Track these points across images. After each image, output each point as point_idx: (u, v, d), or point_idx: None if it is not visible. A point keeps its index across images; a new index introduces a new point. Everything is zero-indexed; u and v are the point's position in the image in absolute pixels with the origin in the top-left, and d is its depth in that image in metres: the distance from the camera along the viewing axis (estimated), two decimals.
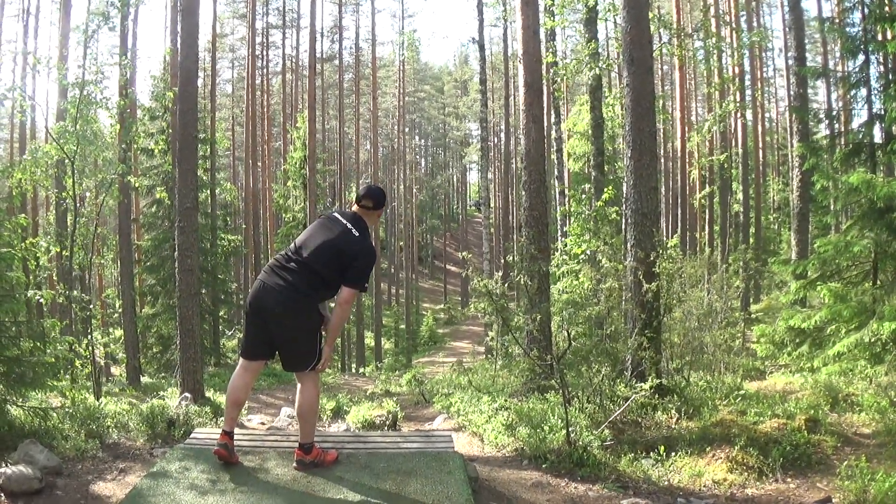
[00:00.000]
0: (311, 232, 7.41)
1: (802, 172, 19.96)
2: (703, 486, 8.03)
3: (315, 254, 7.12)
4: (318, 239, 7.20)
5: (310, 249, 7.15)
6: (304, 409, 7.30)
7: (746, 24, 42.16)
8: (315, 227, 7.46)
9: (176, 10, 27.66)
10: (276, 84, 66.80)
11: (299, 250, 7.20)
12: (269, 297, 7.09)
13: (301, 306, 7.05)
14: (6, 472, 7.13)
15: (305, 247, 7.19)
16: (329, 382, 24.79)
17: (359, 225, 7.26)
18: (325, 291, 7.24)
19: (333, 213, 7.57)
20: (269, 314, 7.09)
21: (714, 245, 39.05)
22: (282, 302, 7.03)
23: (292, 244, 7.42)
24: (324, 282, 7.12)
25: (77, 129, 15.94)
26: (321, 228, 7.35)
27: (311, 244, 7.19)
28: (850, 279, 13.73)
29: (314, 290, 7.09)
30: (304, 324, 7.09)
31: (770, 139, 54.85)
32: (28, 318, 14.79)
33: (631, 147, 11.81)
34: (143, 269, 36.88)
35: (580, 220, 23.66)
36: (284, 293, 7.03)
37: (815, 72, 20.38)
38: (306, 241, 7.27)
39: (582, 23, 24.72)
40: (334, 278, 7.13)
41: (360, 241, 7.16)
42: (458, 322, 77.24)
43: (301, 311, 7.06)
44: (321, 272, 7.06)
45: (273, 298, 7.06)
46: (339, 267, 7.08)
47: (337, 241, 7.12)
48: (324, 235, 7.22)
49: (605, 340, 11.28)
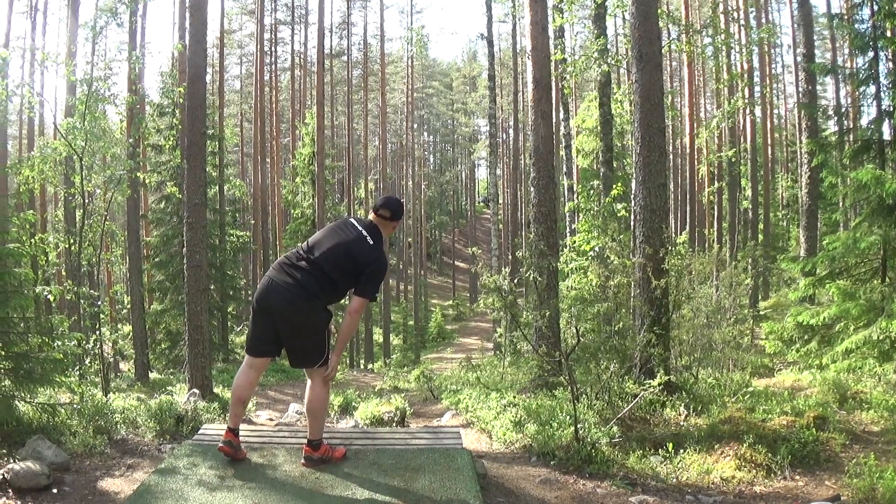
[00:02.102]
0: (325, 233, 7.35)
1: (811, 169, 19.93)
2: (712, 484, 8.01)
3: (326, 255, 7.07)
4: (332, 241, 7.16)
5: (322, 250, 7.10)
6: (313, 405, 7.31)
7: (755, 21, 42.09)
8: (329, 229, 7.42)
9: (184, 6, 27.67)
10: (284, 80, 66.81)
11: (311, 250, 7.16)
12: (276, 294, 7.02)
13: (308, 305, 6.96)
14: (14, 468, 7.14)
15: (318, 247, 7.15)
16: (338, 379, 24.76)
17: (374, 233, 7.21)
18: (332, 294, 7.17)
19: (350, 218, 7.54)
20: (276, 311, 7.04)
21: (723, 242, 39.05)
22: (289, 300, 6.96)
23: (304, 243, 7.37)
24: (332, 284, 7.06)
25: (85, 125, 15.94)
26: (336, 231, 7.31)
27: (323, 245, 7.14)
28: (859, 276, 13.73)
29: (322, 291, 7.00)
30: (311, 322, 7.03)
31: (779, 136, 54.73)
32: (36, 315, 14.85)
33: (640, 143, 11.79)
34: (152, 266, 36.96)
35: (589, 217, 23.65)
36: (292, 291, 6.96)
37: (823, 68, 20.26)
38: (319, 241, 7.22)
39: (591, 19, 24.68)
40: (343, 282, 7.10)
41: (375, 249, 7.11)
42: (467, 318, 77.33)
43: (308, 309, 6.98)
44: (331, 274, 7.00)
45: (280, 296, 7.00)
46: (349, 272, 7.05)
47: (351, 246, 7.08)
48: (338, 238, 7.18)
49: (613, 337, 11.25)
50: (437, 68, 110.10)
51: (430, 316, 72.79)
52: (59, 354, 10.19)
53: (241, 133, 66.57)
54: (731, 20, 35.93)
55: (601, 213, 22.45)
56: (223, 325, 38.25)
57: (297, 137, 49.67)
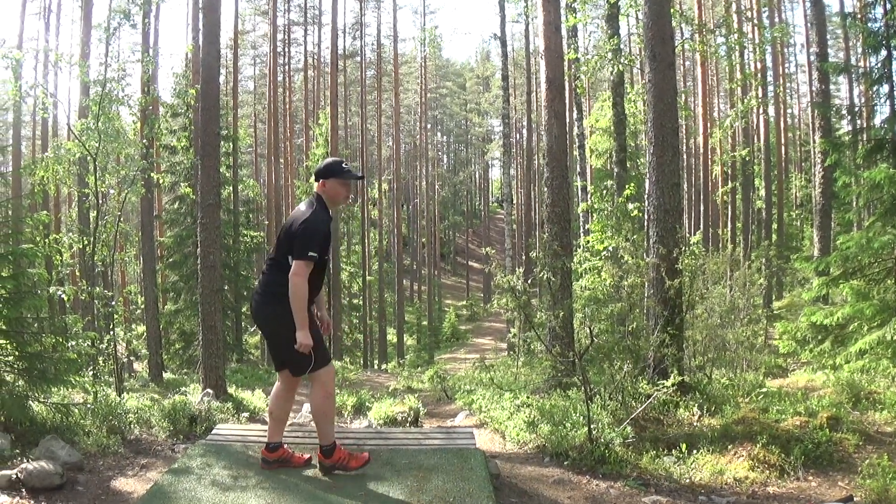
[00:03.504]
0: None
1: (825, 168, 19.88)
2: (725, 484, 8.00)
3: (276, 245, 7.22)
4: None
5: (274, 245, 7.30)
6: (314, 411, 7.35)
7: (768, 20, 42.00)
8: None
9: (198, 6, 27.81)
10: (298, 81, 66.81)
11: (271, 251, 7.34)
12: (252, 307, 7.38)
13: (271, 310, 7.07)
14: (27, 467, 7.16)
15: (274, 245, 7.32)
16: (351, 378, 24.88)
17: (310, 202, 7.19)
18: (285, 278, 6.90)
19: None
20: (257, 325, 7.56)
21: (736, 241, 39.06)
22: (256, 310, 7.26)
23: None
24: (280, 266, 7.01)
25: (99, 125, 15.98)
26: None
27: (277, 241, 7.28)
28: (873, 276, 13.69)
29: (279, 285, 6.87)
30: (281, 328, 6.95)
31: (792, 135, 54.67)
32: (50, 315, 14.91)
33: (653, 143, 11.77)
34: (166, 266, 37.13)
35: (602, 217, 23.61)
36: (257, 299, 7.21)
37: (837, 67, 20.25)
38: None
39: (604, 19, 24.63)
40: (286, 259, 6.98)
41: (303, 213, 7.04)
42: (481, 318, 77.35)
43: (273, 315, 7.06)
44: (280, 260, 7.00)
45: (254, 309, 7.33)
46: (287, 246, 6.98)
47: (286, 224, 7.14)
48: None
49: (627, 337, 11.23)
50: (451, 68, 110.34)
51: (443, 316, 72.88)
52: (73, 354, 10.26)
53: (255, 133, 66.61)
54: (744, 19, 35.89)
55: (615, 213, 22.41)
56: (237, 326, 38.39)
57: (311, 138, 49.73)
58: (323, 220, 7.05)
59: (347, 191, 7.43)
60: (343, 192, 7.37)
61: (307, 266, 6.82)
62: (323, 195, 7.19)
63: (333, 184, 7.22)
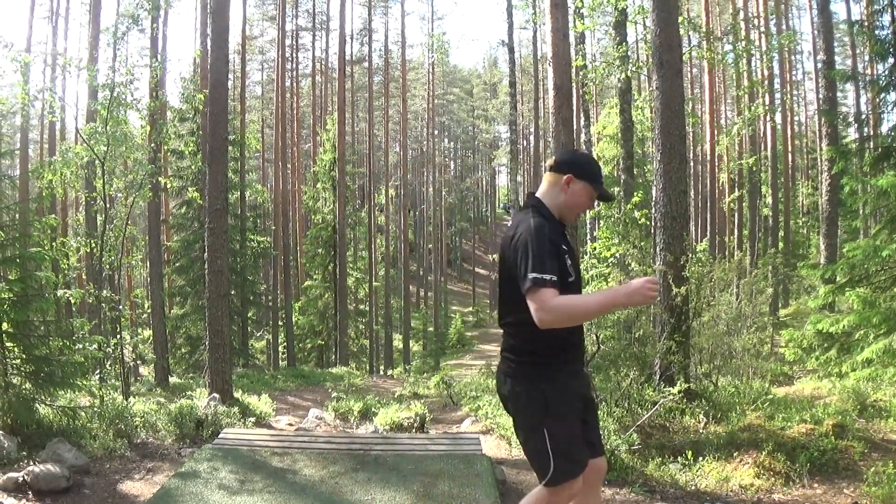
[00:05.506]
0: None
1: (831, 176, 19.88)
2: (730, 491, 8.00)
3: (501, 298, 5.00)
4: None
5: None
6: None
7: (775, 27, 42.02)
8: None
9: (206, 11, 27.85)
10: (305, 86, 66.96)
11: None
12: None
13: (514, 389, 4.75)
14: (34, 470, 7.19)
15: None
16: (357, 384, 24.79)
17: (526, 208, 4.83)
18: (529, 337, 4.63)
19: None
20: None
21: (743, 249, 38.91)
22: (500, 388, 5.08)
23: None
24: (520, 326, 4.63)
25: (107, 129, 16.00)
26: None
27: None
28: (879, 284, 13.65)
29: (525, 354, 4.76)
30: (518, 412, 4.82)
31: (799, 143, 54.68)
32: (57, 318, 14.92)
33: (660, 150, 11.76)
34: (173, 270, 37.18)
35: (609, 224, 23.61)
36: (499, 379, 5.03)
37: (843, 75, 20.24)
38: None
39: (611, 26, 24.63)
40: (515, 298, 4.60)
41: (518, 226, 4.65)
42: (487, 325, 77.22)
43: (510, 395, 4.83)
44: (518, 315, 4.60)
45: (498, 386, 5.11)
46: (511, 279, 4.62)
47: (504, 256, 4.77)
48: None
49: (633, 344, 11.23)
50: (458, 75, 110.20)
51: (449, 322, 72.68)
52: (80, 358, 10.27)
53: (263, 139, 66.58)
54: (751, 27, 35.86)
55: (622, 220, 22.41)
56: (243, 331, 38.45)
57: (318, 143, 49.86)
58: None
59: (588, 205, 5.00)
60: (585, 205, 4.94)
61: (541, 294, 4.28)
62: (545, 197, 4.86)
63: (581, 188, 4.81)
